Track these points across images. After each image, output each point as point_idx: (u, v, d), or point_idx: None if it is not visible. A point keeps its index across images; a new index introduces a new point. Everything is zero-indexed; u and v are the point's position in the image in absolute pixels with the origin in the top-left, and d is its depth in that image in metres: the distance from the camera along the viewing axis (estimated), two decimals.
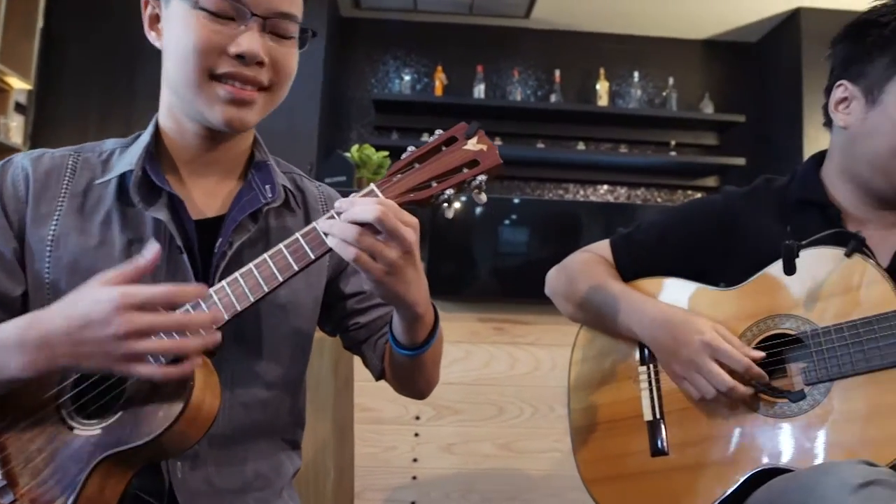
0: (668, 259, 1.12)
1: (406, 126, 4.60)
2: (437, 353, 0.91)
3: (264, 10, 0.80)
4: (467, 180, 0.75)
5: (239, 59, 0.79)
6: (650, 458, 1.01)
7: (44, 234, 0.81)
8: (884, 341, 0.82)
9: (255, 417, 0.85)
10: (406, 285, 0.75)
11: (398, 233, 0.71)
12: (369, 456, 1.94)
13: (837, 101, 1.02)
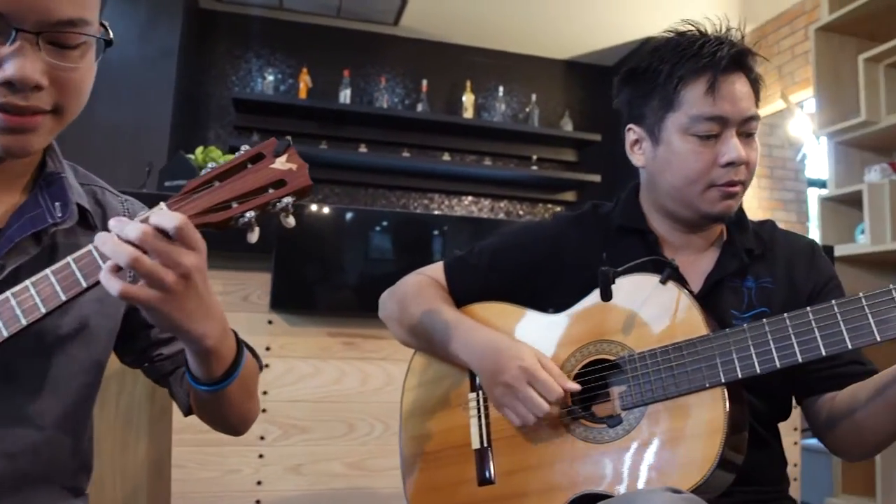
0: (499, 283, 1.12)
1: (268, 128, 4.42)
2: (247, 386, 0.84)
3: (34, 23, 0.66)
4: (271, 202, 0.69)
5: (7, 87, 0.65)
6: (478, 487, 0.99)
7: None
8: (691, 366, 0.85)
9: (22, 468, 0.74)
10: (185, 315, 0.67)
11: (170, 256, 0.63)
12: (209, 481, 1.81)
13: (630, 144, 1.10)
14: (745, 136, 1.00)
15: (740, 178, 0.99)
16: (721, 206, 1.00)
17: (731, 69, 0.98)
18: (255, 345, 1.85)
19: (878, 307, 0.76)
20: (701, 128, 0.98)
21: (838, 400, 0.97)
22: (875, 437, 0.92)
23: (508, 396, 0.96)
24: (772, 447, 1.04)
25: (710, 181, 0.99)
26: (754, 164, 1.01)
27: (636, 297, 0.94)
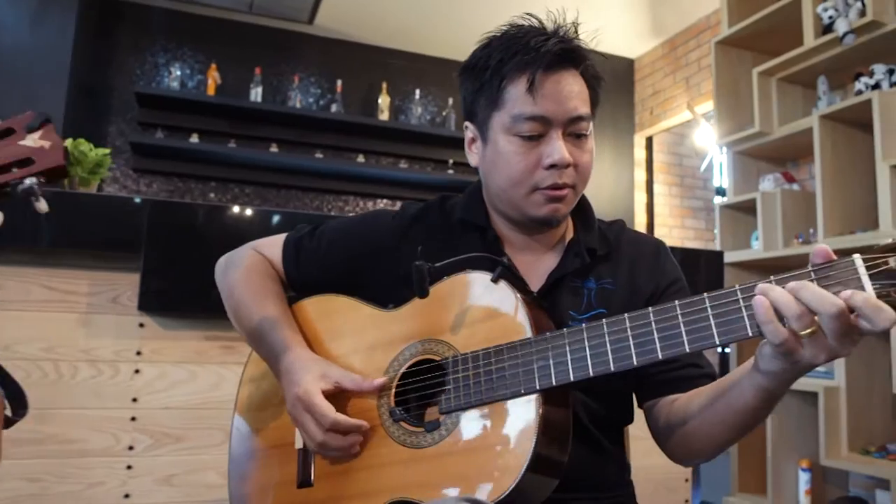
0: (336, 271, 1.07)
1: (173, 124, 4.25)
2: None
3: None
4: (12, 182, 0.62)
5: None
6: (296, 489, 0.94)
7: None
8: (509, 371, 0.81)
9: None
10: None
11: None
12: (70, 495, 1.68)
13: (468, 142, 1.05)
14: (574, 136, 0.95)
15: (566, 181, 0.94)
16: (546, 210, 0.96)
17: (557, 66, 0.92)
18: (124, 348, 1.76)
19: (721, 308, 0.72)
20: (523, 128, 0.93)
21: (675, 405, 0.95)
22: (701, 444, 0.90)
23: (295, 423, 0.93)
24: (610, 452, 1.01)
25: (535, 184, 0.94)
26: (585, 166, 0.96)
27: (467, 296, 0.90)
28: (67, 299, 1.73)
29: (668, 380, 0.97)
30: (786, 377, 0.74)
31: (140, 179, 4.33)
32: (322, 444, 0.89)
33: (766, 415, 0.82)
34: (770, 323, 0.67)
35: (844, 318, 0.65)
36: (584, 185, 0.98)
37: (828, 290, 0.66)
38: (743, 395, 0.80)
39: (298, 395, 0.90)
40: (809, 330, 0.66)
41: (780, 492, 3.11)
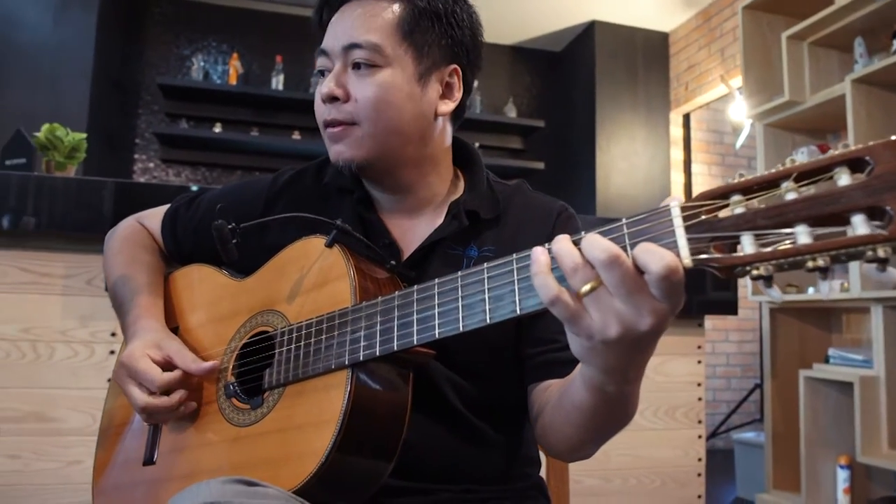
0: (209, 241, 1.00)
1: (198, 115, 4.33)
2: None
3: None
4: None
5: None
6: (141, 466, 0.90)
7: None
8: (325, 343, 0.75)
9: None
10: None
11: None
12: (48, 473, 1.72)
13: None
14: (353, 67, 0.87)
15: (336, 117, 0.87)
16: (331, 152, 0.89)
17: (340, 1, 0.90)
18: (99, 329, 1.79)
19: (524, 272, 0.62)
20: (318, 63, 0.90)
21: (547, 392, 0.85)
22: (556, 440, 0.81)
23: (123, 392, 0.89)
24: (495, 442, 0.92)
25: (321, 122, 0.90)
26: (366, 100, 0.86)
27: (304, 263, 0.84)
28: (43, 281, 1.76)
29: (545, 362, 0.87)
30: (596, 361, 0.62)
31: (168, 169, 4.44)
32: (146, 409, 0.85)
33: (608, 411, 0.70)
34: (539, 275, 0.58)
35: (620, 266, 0.54)
36: (375, 123, 0.87)
37: None
38: (578, 390, 0.70)
39: (122, 360, 0.87)
40: (588, 286, 0.56)
41: (816, 489, 2.90)
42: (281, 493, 0.66)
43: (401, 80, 0.87)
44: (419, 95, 0.89)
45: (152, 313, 0.94)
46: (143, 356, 0.86)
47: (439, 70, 0.91)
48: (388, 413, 0.75)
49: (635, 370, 0.64)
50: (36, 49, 3.69)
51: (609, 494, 2.06)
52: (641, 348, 0.60)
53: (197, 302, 0.96)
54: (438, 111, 0.92)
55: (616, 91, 4.60)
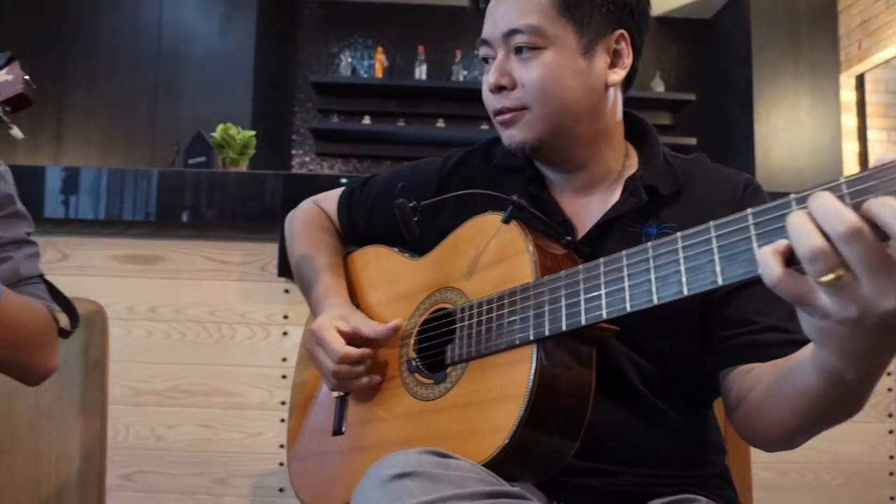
0: (381, 223, 1.05)
1: (348, 109, 4.55)
2: (12, 331, 0.85)
3: None
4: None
5: None
6: (331, 437, 0.95)
7: None
8: (507, 318, 0.75)
9: None
10: None
11: None
12: (234, 442, 1.90)
13: None
14: (515, 52, 0.86)
15: (506, 105, 0.86)
16: (503, 137, 0.89)
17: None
18: (272, 312, 1.93)
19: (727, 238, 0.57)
20: (480, 52, 0.90)
21: (750, 377, 0.80)
22: (766, 429, 0.76)
23: (312, 359, 0.94)
24: (678, 424, 0.88)
25: (491, 111, 0.90)
26: (533, 84, 0.85)
27: (481, 239, 0.84)
28: (224, 268, 1.93)
29: (742, 344, 0.81)
30: (832, 344, 0.55)
31: (323, 163, 4.70)
32: (335, 375, 0.90)
33: (840, 401, 0.63)
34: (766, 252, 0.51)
35: (864, 240, 0.46)
36: (544, 105, 0.86)
37: None
38: (805, 374, 0.64)
39: (312, 329, 0.92)
40: (832, 275, 0.48)
41: None
42: (472, 466, 0.67)
43: (565, 57, 0.85)
44: (586, 70, 0.87)
45: (337, 291, 1.00)
46: (331, 327, 0.91)
47: (604, 39, 0.88)
48: (573, 390, 0.74)
49: (879, 357, 0.56)
50: (205, 59, 4.05)
51: (785, 489, 1.92)
52: (887, 332, 0.52)
53: (374, 281, 1.00)
54: (609, 82, 0.89)
55: (775, 56, 4.25)
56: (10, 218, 0.95)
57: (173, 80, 4.03)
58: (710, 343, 0.85)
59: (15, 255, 0.93)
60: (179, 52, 4.07)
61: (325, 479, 0.92)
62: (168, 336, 1.91)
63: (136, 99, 4.02)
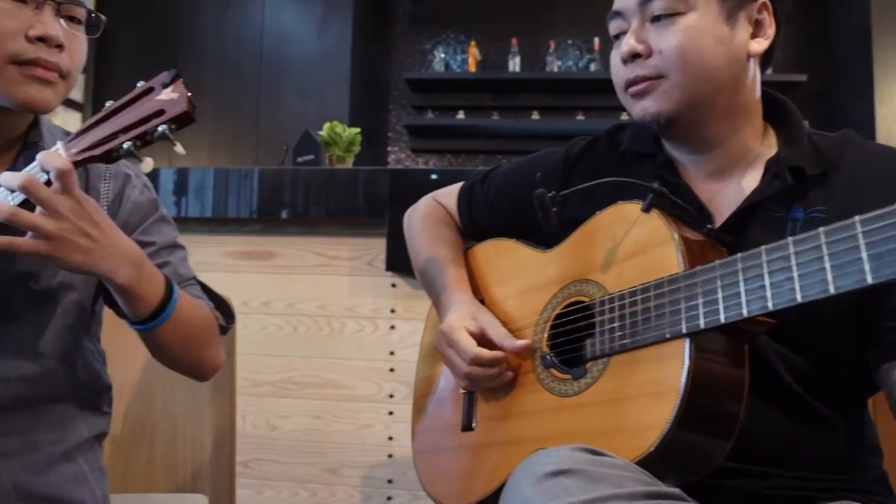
0: (505, 215, 1.04)
1: (442, 104, 4.58)
2: (186, 332, 0.89)
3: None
4: (149, 130, 0.71)
5: (38, 42, 0.79)
6: (460, 432, 0.95)
7: None
8: (655, 312, 0.71)
9: (21, 391, 0.87)
10: (83, 256, 0.74)
11: (49, 204, 0.69)
12: (345, 433, 1.94)
13: None
14: (652, 20, 0.83)
15: (642, 74, 0.83)
16: (636, 110, 0.86)
17: None
18: (379, 306, 1.96)
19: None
20: (611, 28, 0.87)
21: None
22: None
23: (443, 358, 0.93)
24: (832, 423, 0.82)
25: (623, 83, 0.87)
26: (670, 50, 0.81)
27: (618, 229, 0.81)
28: (333, 263, 1.97)
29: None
30: None
31: (418, 159, 4.76)
32: (467, 377, 0.89)
33: None
34: None
35: None
36: (683, 72, 0.82)
37: None
38: None
39: (443, 329, 0.92)
40: None
41: None
42: (626, 464, 0.64)
43: (706, 22, 0.81)
44: (728, 37, 0.82)
45: (462, 287, 0.99)
46: (461, 328, 0.90)
47: (747, 7, 0.83)
48: (727, 387, 0.70)
49: None
50: (304, 61, 4.18)
51: None
52: None
53: (500, 275, 0.99)
54: (751, 52, 0.84)
55: None
56: (158, 223, 0.98)
57: (275, 83, 4.18)
58: (872, 335, 0.79)
59: (171, 260, 0.96)
60: (280, 56, 4.21)
61: (458, 475, 0.92)
62: (280, 329, 1.97)
63: (241, 102, 4.19)
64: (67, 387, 0.92)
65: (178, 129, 0.71)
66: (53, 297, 0.88)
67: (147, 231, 0.96)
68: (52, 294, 0.88)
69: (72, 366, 0.93)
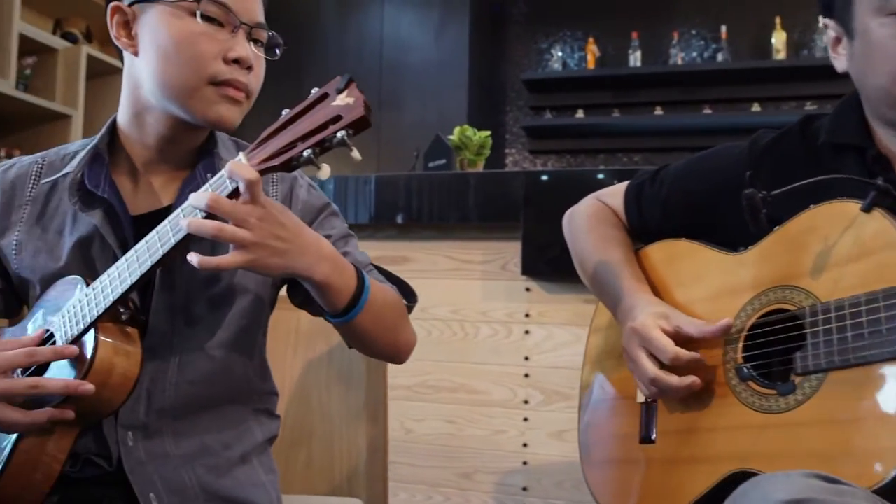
0: (680, 214, 0.99)
1: (559, 104, 4.50)
2: (381, 317, 0.89)
3: (248, 19, 0.86)
4: (328, 137, 0.70)
5: (234, 63, 0.84)
6: (638, 444, 0.89)
7: (9, 241, 0.91)
8: (888, 324, 0.63)
9: (202, 393, 0.90)
10: (281, 257, 0.75)
11: (233, 213, 0.71)
12: (479, 438, 1.93)
13: (832, 44, 0.85)
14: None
15: None
16: None
17: None
18: (513, 311, 1.93)
19: None
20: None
21: None
22: None
23: (628, 359, 0.87)
24: None
25: None
26: None
27: (831, 231, 0.73)
28: (465, 268, 1.96)
29: None
30: None
31: (536, 160, 4.70)
32: (654, 381, 0.84)
33: None
34: None
35: None
36: None
37: None
38: None
39: (634, 327, 0.87)
40: None
41: None
42: (867, 494, 0.57)
43: None
44: None
45: (644, 288, 0.94)
46: (655, 326, 0.85)
47: None
48: None
49: None
50: (422, 67, 4.23)
51: None
52: None
53: (681, 278, 0.93)
54: None
55: None
56: (329, 217, 1.00)
57: (394, 90, 4.26)
58: None
59: (349, 249, 0.97)
60: (399, 63, 4.29)
61: (639, 490, 0.86)
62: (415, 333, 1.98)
63: None
64: (243, 390, 0.95)
65: (355, 135, 0.70)
66: (230, 300, 0.91)
67: (321, 225, 0.97)
68: (229, 297, 0.91)
69: (246, 368, 0.96)
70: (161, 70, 0.84)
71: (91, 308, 0.78)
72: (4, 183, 0.93)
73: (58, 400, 0.75)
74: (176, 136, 0.89)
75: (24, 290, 0.92)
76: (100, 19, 2.99)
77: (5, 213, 0.92)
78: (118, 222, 0.87)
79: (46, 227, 0.90)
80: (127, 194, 0.90)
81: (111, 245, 0.86)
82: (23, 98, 2.55)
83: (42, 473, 0.78)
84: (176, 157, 0.92)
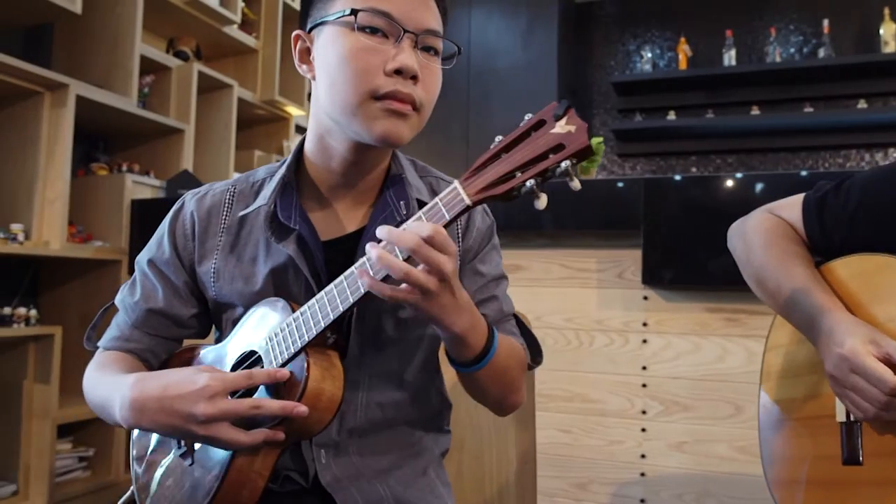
0: (868, 227, 0.94)
1: (650, 106, 4.40)
2: (500, 375, 0.86)
3: (415, 27, 0.82)
4: (551, 167, 0.67)
5: (396, 74, 0.79)
6: (840, 465, 0.85)
7: (207, 268, 0.93)
8: None
9: (389, 414, 0.91)
10: (441, 309, 0.74)
11: (434, 263, 0.69)
12: (595, 448, 1.91)
13: None
14: None
15: None
16: None
17: None
18: (630, 320, 1.90)
19: None
20: None
21: None
22: None
23: (837, 388, 0.83)
24: None
25: None
26: None
27: None
28: (580, 276, 1.94)
29: None
30: None
31: (625, 164, 4.61)
32: (888, 406, 0.80)
33: None
34: None
35: None
36: None
37: None
38: None
39: (843, 354, 0.83)
40: None
41: None
42: None
43: None
44: None
45: (839, 307, 0.90)
46: (867, 353, 0.81)
47: None
48: None
49: None
50: (510, 73, 4.22)
51: None
52: None
53: (880, 294, 0.88)
54: None
55: None
56: (491, 251, 0.96)
57: (483, 96, 4.27)
58: None
59: (497, 294, 0.94)
60: (487, 69, 4.29)
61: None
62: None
63: (451, 117, 4.32)
64: (423, 411, 0.96)
65: (577, 164, 0.67)
66: (417, 329, 0.92)
67: (483, 259, 0.94)
68: (416, 326, 0.91)
69: (428, 392, 0.97)
70: (329, 90, 0.83)
71: (301, 333, 0.79)
72: (200, 211, 0.94)
73: (274, 422, 0.77)
74: (357, 158, 0.88)
75: (219, 312, 0.95)
76: (207, 37, 3.12)
77: (202, 241, 0.93)
78: (310, 251, 0.87)
79: (241, 256, 0.91)
80: (316, 221, 0.90)
81: (304, 273, 0.87)
82: (143, 115, 2.67)
83: (249, 490, 0.81)
84: (360, 182, 0.91)
